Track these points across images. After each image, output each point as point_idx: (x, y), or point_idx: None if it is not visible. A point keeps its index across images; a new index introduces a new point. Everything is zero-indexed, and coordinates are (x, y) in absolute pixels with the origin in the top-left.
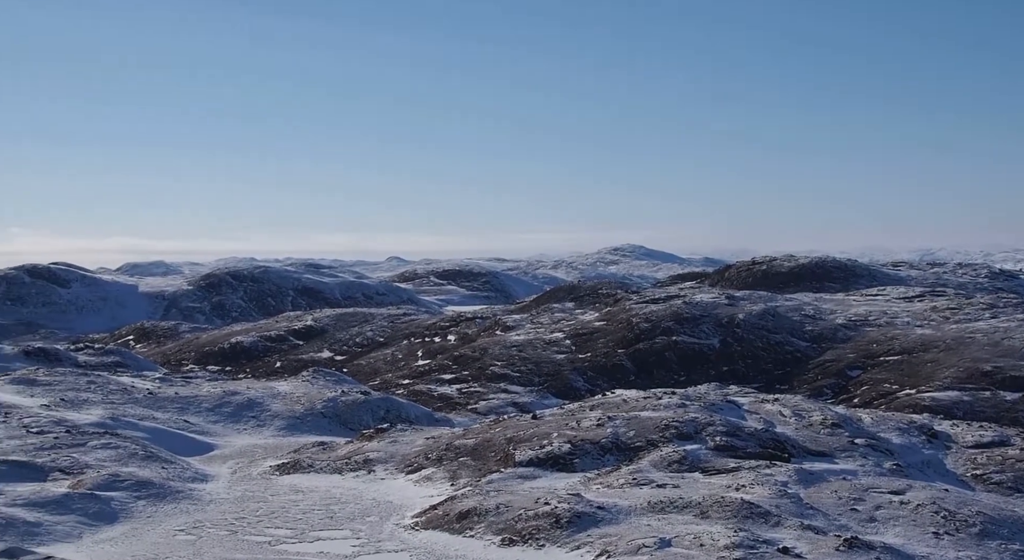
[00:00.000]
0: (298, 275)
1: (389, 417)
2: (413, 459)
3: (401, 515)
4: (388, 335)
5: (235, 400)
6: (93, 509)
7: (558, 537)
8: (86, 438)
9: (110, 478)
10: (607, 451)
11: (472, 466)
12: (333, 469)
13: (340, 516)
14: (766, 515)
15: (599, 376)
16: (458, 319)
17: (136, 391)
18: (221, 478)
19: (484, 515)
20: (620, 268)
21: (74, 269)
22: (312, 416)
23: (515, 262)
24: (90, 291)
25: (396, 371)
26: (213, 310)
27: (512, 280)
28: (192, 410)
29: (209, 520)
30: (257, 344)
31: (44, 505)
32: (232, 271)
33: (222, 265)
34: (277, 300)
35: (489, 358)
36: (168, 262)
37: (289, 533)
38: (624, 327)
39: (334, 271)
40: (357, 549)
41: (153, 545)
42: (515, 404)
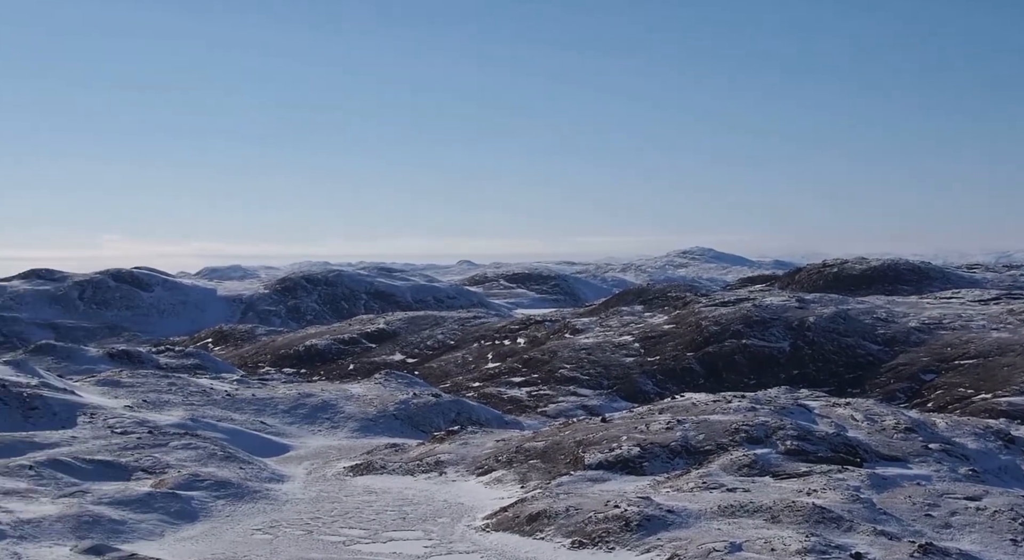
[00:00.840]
0: (370, 279)
1: (460, 419)
2: (484, 461)
3: (472, 517)
4: (458, 338)
5: (310, 402)
6: (174, 508)
7: (628, 540)
8: (167, 438)
9: (190, 478)
10: (676, 454)
11: (542, 469)
12: (405, 470)
13: (412, 517)
14: (838, 520)
15: (668, 379)
16: (527, 322)
17: (215, 393)
18: (297, 479)
19: (554, 517)
20: (689, 271)
21: (156, 273)
22: (384, 418)
23: (584, 265)
24: (171, 295)
25: (466, 374)
26: (288, 313)
27: (581, 283)
28: (268, 412)
29: (285, 520)
30: (331, 347)
31: (128, 504)
32: (307, 275)
33: (297, 269)
34: (350, 303)
35: (558, 361)
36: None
37: (363, 533)
38: (693, 330)
39: (405, 275)
40: (429, 550)
41: (232, 544)
42: (584, 407)
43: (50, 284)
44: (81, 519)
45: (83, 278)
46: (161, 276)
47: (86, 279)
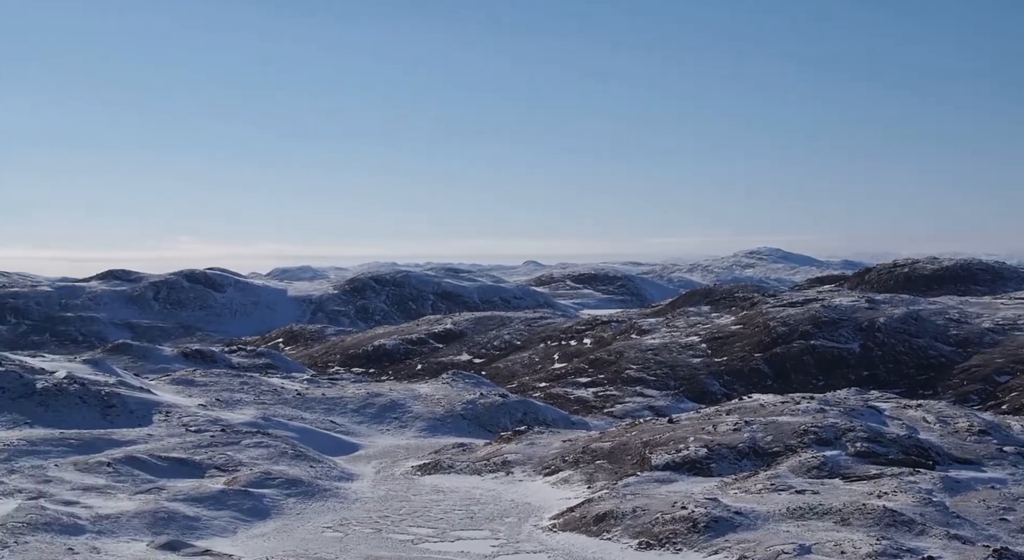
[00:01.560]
0: (438, 279)
1: (526, 419)
2: (550, 461)
3: (539, 516)
4: (525, 338)
5: (378, 401)
6: (247, 505)
7: (695, 541)
8: (239, 437)
9: (262, 476)
10: (744, 456)
11: (608, 469)
12: (472, 470)
13: (480, 516)
14: (910, 523)
15: (735, 380)
16: (594, 323)
17: (285, 392)
18: (365, 477)
19: (621, 518)
20: (756, 271)
21: (228, 274)
22: (452, 418)
23: (650, 266)
24: (243, 295)
25: (533, 374)
26: (357, 313)
27: (647, 284)
28: (338, 411)
29: (355, 518)
30: (399, 347)
31: (202, 501)
32: (375, 275)
33: (366, 270)
34: (418, 304)
35: (625, 362)
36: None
37: (431, 532)
38: (761, 331)
39: (472, 275)
40: (496, 549)
41: (303, 541)
42: (651, 408)
43: (126, 285)
44: (157, 515)
45: (158, 279)
46: (233, 277)
47: (161, 280)
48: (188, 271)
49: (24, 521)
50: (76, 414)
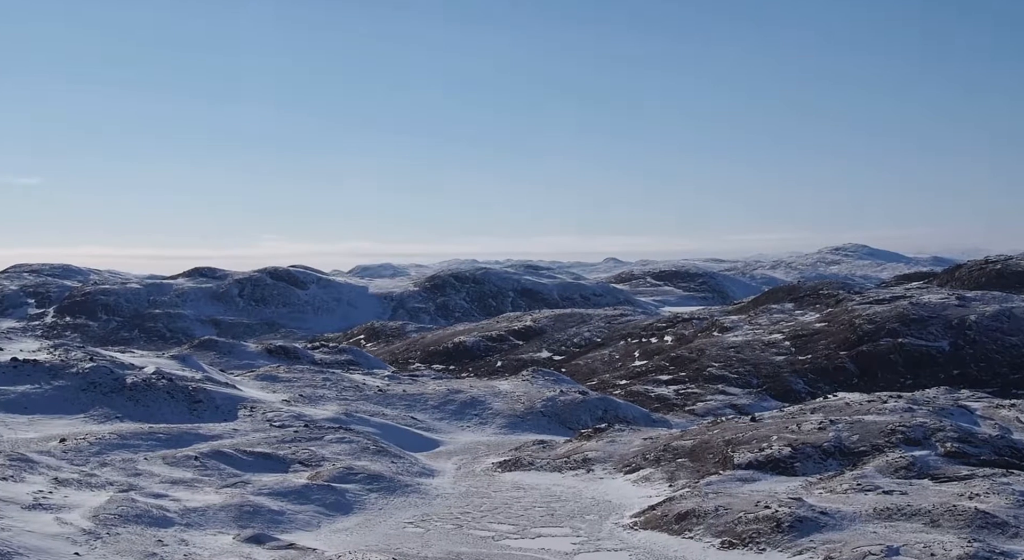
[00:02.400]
0: (518, 276)
1: (607, 417)
2: (631, 459)
3: (620, 514)
4: (605, 336)
5: (459, 398)
6: (330, 500)
7: (779, 542)
8: (322, 432)
9: (345, 471)
10: (829, 455)
11: (690, 467)
12: (553, 467)
13: (560, 514)
14: (1003, 526)
15: (820, 378)
16: (675, 320)
17: (367, 388)
18: (446, 474)
19: (703, 517)
20: (842, 268)
21: (311, 272)
22: (532, 415)
23: (732, 263)
24: (325, 292)
25: (613, 371)
26: (437, 310)
27: (729, 281)
28: (418, 407)
29: (436, 514)
30: (479, 344)
31: (286, 495)
32: (455, 273)
33: (446, 267)
34: (497, 301)
35: (706, 359)
36: (396, 264)
37: (511, 529)
38: (846, 328)
39: (552, 272)
40: (577, 547)
41: (384, 536)
42: (733, 406)
43: (212, 282)
44: (243, 509)
45: (243, 276)
46: (316, 274)
47: (245, 277)
48: (272, 268)
49: (116, 513)
50: (164, 409)
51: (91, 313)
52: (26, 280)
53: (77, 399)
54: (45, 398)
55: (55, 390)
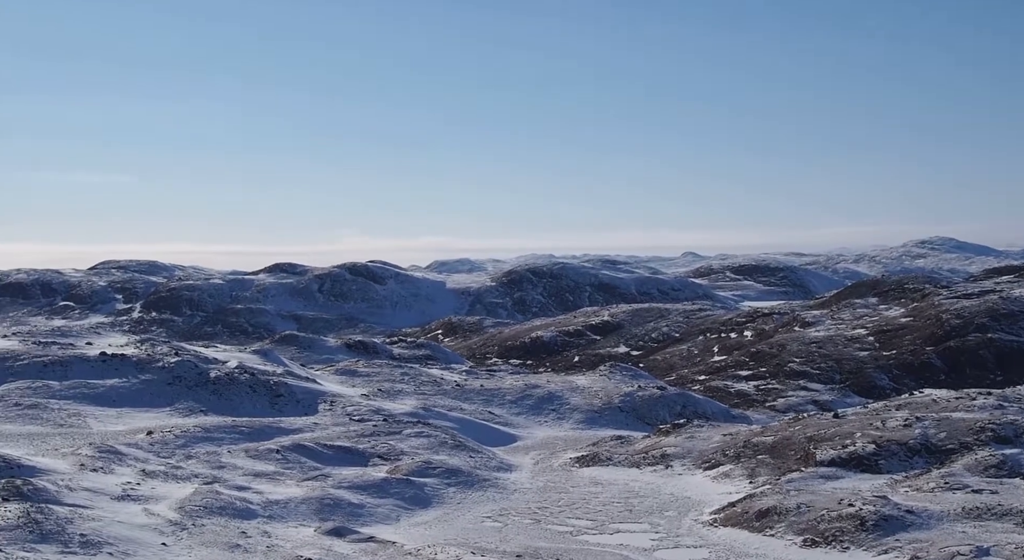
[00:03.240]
0: (595, 271)
1: (685, 413)
2: (710, 455)
3: (699, 511)
4: (683, 331)
5: (536, 393)
6: (409, 494)
7: (863, 540)
8: (401, 426)
9: (423, 465)
10: (915, 453)
11: (771, 464)
12: (631, 463)
13: (639, 509)
14: None
15: (905, 374)
16: (754, 315)
17: (445, 383)
18: (524, 468)
19: (784, 514)
20: (928, 262)
21: (389, 267)
22: (609, 410)
23: (814, 256)
24: (403, 288)
25: (691, 367)
26: (514, 305)
27: (811, 275)
28: (496, 402)
29: (514, 508)
30: (556, 339)
31: (366, 488)
32: (532, 268)
33: (523, 262)
34: (574, 296)
35: (787, 354)
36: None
37: (589, 524)
38: (933, 323)
39: (629, 267)
40: (656, 543)
41: (463, 530)
42: (815, 402)
43: (292, 277)
44: (323, 502)
45: (322, 272)
46: (394, 269)
47: (325, 272)
48: (351, 264)
49: (201, 505)
50: (247, 402)
51: (176, 308)
52: (114, 276)
53: (163, 393)
54: (132, 392)
55: (142, 384)
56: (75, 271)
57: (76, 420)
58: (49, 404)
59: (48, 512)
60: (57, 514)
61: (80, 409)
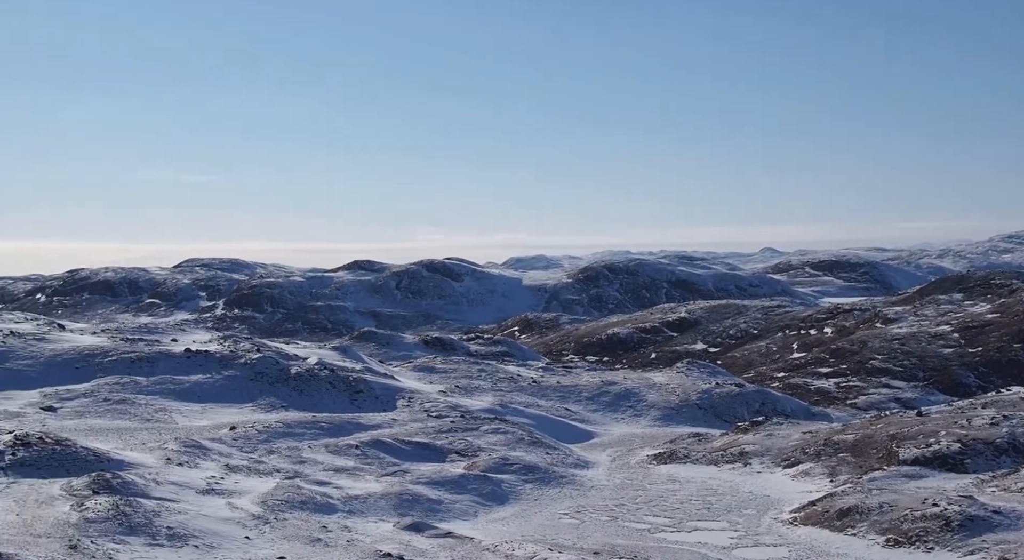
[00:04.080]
0: (672, 267)
1: (764, 410)
2: (790, 453)
3: (778, 509)
4: (762, 327)
5: (612, 390)
6: (486, 490)
7: (948, 541)
8: (478, 423)
9: (500, 461)
10: (1003, 452)
11: (852, 463)
12: (709, 460)
13: (717, 507)
14: None
15: (991, 372)
16: (835, 311)
17: (521, 380)
18: (601, 465)
19: (866, 514)
20: (1015, 256)
21: (466, 264)
22: (687, 407)
23: (896, 252)
24: (479, 284)
25: (770, 364)
26: (591, 302)
27: (893, 270)
28: (572, 399)
29: (591, 505)
30: (632, 335)
31: (443, 484)
32: (608, 264)
33: (599, 258)
34: (651, 292)
35: (868, 351)
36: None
37: (667, 522)
38: (1021, 320)
39: (707, 263)
40: (735, 541)
41: (540, 527)
42: (897, 400)
43: (371, 275)
44: (402, 497)
45: (400, 269)
46: (470, 266)
47: (402, 270)
48: (428, 261)
49: (283, 499)
50: (326, 398)
51: (257, 305)
52: (198, 274)
53: (245, 388)
54: (216, 387)
55: (225, 380)
56: (160, 269)
57: (162, 415)
58: (136, 399)
59: (136, 505)
60: (145, 507)
61: (166, 404)
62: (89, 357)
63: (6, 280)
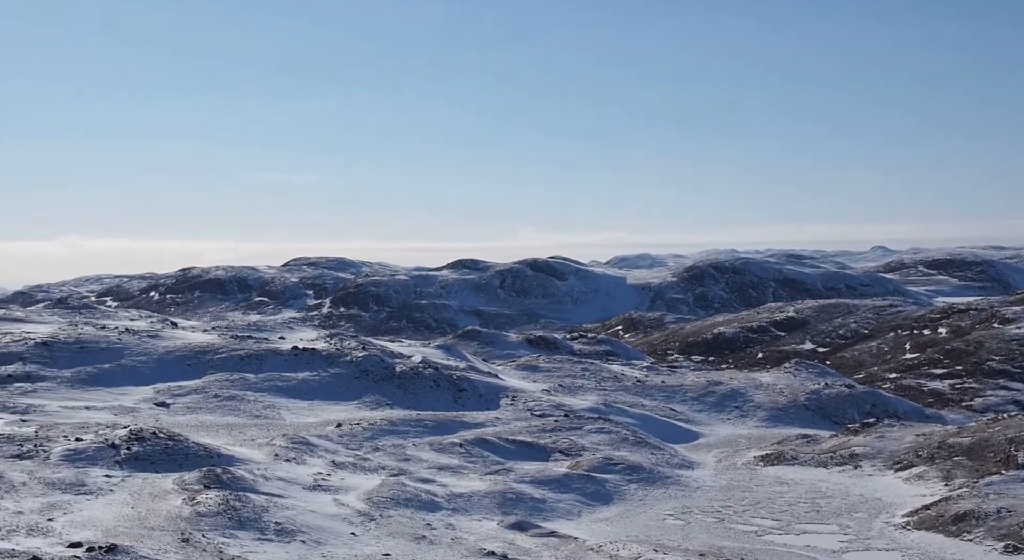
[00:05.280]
0: (779, 266)
1: (875, 412)
2: (902, 456)
3: (890, 513)
4: (873, 327)
5: (718, 390)
6: (590, 489)
7: None
8: (582, 422)
9: (604, 461)
10: None
11: (968, 466)
12: (817, 462)
13: (826, 510)
14: None
15: None
16: (950, 311)
17: (625, 379)
18: (706, 466)
19: (983, 519)
20: None
21: (569, 263)
22: (795, 408)
23: (1014, 250)
24: (583, 283)
25: (882, 364)
26: (696, 301)
27: (1011, 269)
28: (677, 399)
29: (696, 506)
30: (739, 335)
31: (547, 483)
32: (714, 263)
33: (704, 257)
34: (758, 291)
35: (985, 352)
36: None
37: (774, 524)
38: None
39: (815, 262)
40: (845, 545)
41: (645, 527)
42: (1016, 402)
43: (474, 273)
44: (506, 496)
45: (503, 268)
46: (574, 265)
47: (506, 268)
48: (531, 260)
49: (388, 496)
50: (430, 396)
51: (363, 304)
52: (305, 273)
53: (351, 386)
54: (322, 385)
55: (331, 377)
56: (269, 268)
57: (270, 412)
58: (245, 396)
59: (245, 500)
60: (254, 502)
61: (274, 401)
62: (200, 354)
63: (122, 278)
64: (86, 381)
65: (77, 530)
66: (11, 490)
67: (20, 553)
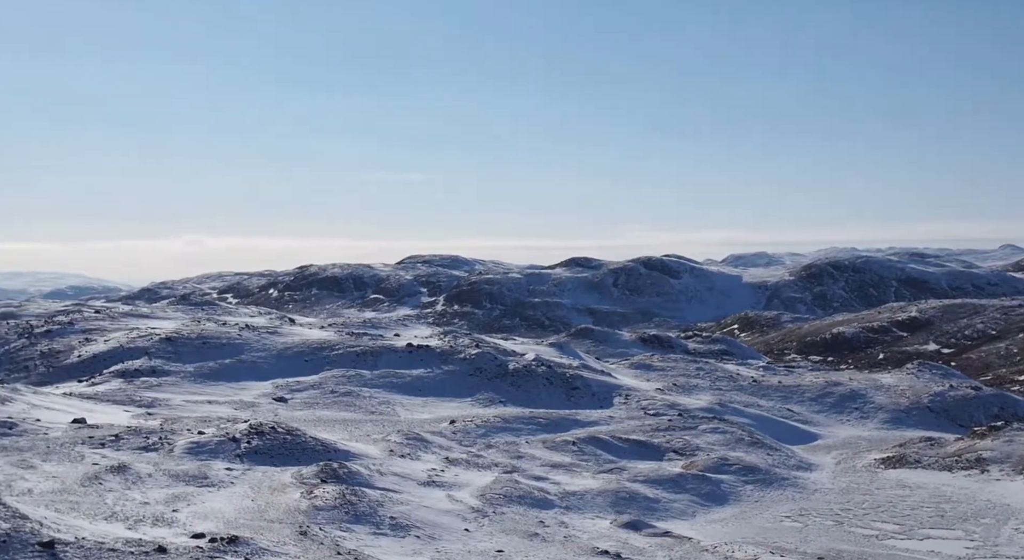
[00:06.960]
0: (901, 265)
1: (1003, 415)
2: None
3: (1020, 520)
4: (1001, 328)
5: (837, 391)
6: (704, 490)
7: None
8: (696, 422)
9: (719, 461)
10: None
11: None
12: (942, 466)
13: (951, 515)
14: None
15: None
16: None
17: (741, 379)
18: (824, 468)
19: None
20: None
21: (684, 261)
22: (917, 410)
23: None
24: (698, 282)
25: (1010, 366)
26: (814, 300)
27: None
28: (795, 399)
29: (814, 509)
30: (858, 335)
31: (661, 483)
32: (833, 261)
33: (822, 256)
34: (879, 290)
35: None
36: (770, 253)
37: (896, 529)
38: None
39: (940, 260)
40: (971, 552)
41: (761, 529)
42: None
43: (587, 272)
44: (619, 495)
45: (616, 266)
46: (688, 263)
47: (619, 267)
48: (645, 258)
49: (501, 493)
50: (543, 394)
51: (476, 301)
52: (419, 271)
53: (464, 383)
54: (436, 382)
55: (445, 374)
56: (384, 266)
57: (385, 408)
58: (361, 392)
59: (361, 494)
60: (369, 497)
61: (389, 397)
62: (317, 350)
63: (242, 276)
64: (208, 376)
65: (200, 521)
66: (138, 481)
67: (146, 543)
